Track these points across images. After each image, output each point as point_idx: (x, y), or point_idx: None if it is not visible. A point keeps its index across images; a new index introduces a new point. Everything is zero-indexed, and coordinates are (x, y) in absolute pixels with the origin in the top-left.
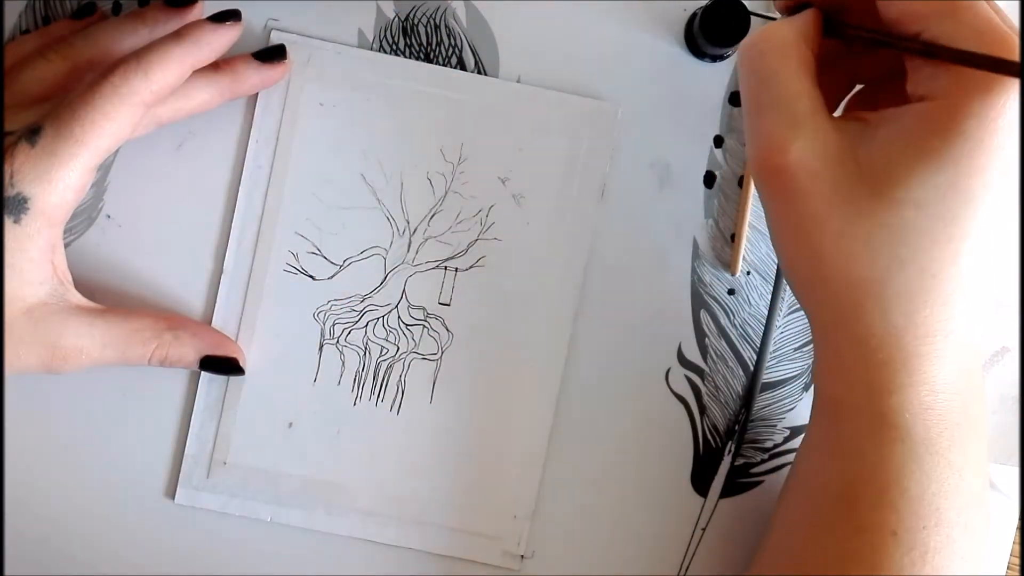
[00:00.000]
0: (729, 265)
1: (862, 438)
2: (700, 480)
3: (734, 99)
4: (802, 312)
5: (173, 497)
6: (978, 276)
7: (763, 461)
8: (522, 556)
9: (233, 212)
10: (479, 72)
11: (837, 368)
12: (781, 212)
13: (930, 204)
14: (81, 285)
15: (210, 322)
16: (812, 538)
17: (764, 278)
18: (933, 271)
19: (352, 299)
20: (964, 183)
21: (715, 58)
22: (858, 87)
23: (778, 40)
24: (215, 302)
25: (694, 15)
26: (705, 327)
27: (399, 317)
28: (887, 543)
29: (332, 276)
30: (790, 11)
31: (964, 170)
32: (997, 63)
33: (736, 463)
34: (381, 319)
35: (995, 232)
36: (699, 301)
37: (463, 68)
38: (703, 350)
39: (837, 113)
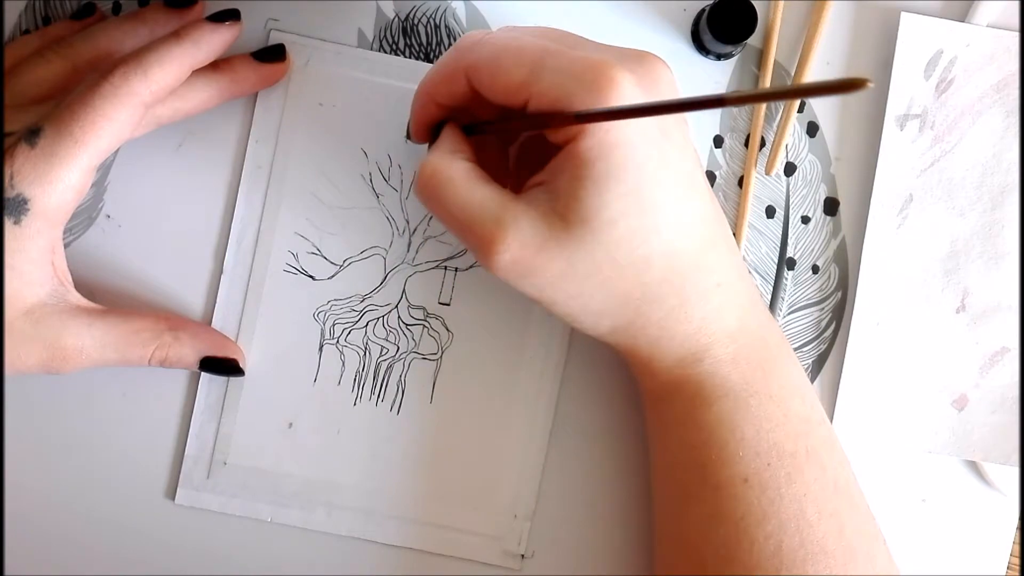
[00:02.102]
0: None
1: (691, 408)
2: None
3: None
4: (802, 312)
5: (173, 497)
6: (707, 229)
7: None
8: (522, 556)
9: (233, 212)
10: None
11: (646, 365)
12: (537, 289)
13: (630, 208)
14: (81, 285)
15: (210, 322)
16: (683, 513)
17: (764, 278)
18: (669, 253)
19: (352, 299)
20: (634, 182)
21: (721, 56)
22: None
23: (437, 172)
24: (215, 302)
25: (701, 12)
26: None
27: (399, 317)
28: (742, 491)
29: (332, 276)
30: (430, 136)
31: (629, 173)
32: (579, 116)
33: None
34: (381, 319)
35: (691, 191)
36: None
37: None
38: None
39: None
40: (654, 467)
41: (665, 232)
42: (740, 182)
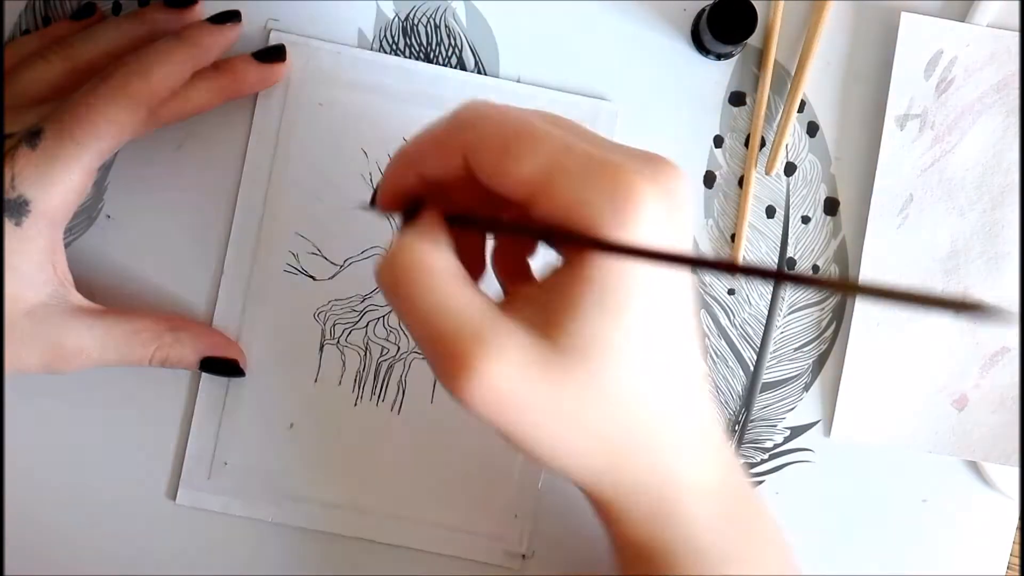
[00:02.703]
0: None
1: (665, 568)
2: None
3: (734, 99)
4: (802, 312)
5: (174, 498)
6: (696, 369)
7: (763, 461)
8: (523, 555)
9: (233, 212)
10: (479, 72)
11: (616, 517)
12: (512, 427)
13: (634, 342)
14: (81, 285)
15: (211, 322)
16: None
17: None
18: (664, 392)
19: (353, 299)
20: (641, 313)
21: (720, 56)
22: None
23: (421, 260)
24: (215, 302)
25: (701, 12)
26: (705, 327)
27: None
28: None
29: (333, 276)
30: (398, 208)
31: (638, 303)
32: (585, 240)
33: None
34: (382, 319)
35: (688, 325)
36: (699, 301)
37: (463, 68)
38: (703, 350)
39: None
40: None
41: (661, 370)
42: (740, 182)
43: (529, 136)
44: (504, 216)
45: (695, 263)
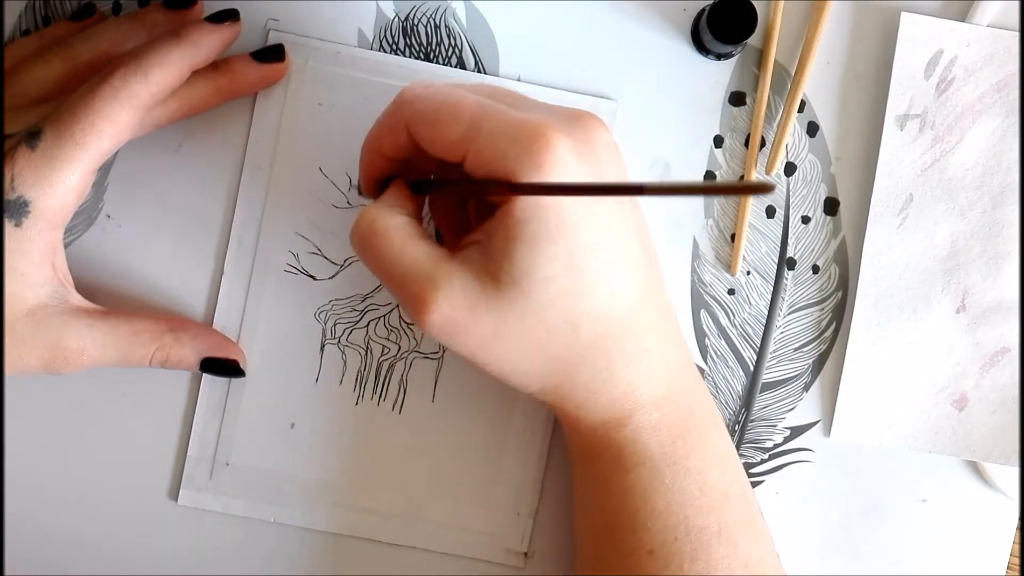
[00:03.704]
0: (729, 265)
1: (610, 472)
2: None
3: (734, 99)
4: (803, 312)
5: (176, 498)
6: (638, 295)
7: (763, 461)
8: (525, 554)
9: (233, 212)
10: (479, 72)
11: (573, 424)
12: (467, 349)
13: (561, 271)
14: (81, 285)
15: (211, 323)
16: (592, 573)
17: (764, 278)
18: (598, 317)
19: (353, 299)
20: (566, 244)
21: (721, 56)
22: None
23: (373, 224)
24: (216, 302)
25: (701, 12)
26: (705, 327)
27: (400, 316)
28: (646, 563)
29: (333, 276)
30: (377, 190)
31: (562, 235)
32: (512, 187)
33: None
34: (382, 318)
35: (625, 256)
36: (699, 301)
37: (463, 68)
38: (703, 350)
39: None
40: (575, 526)
41: (595, 296)
42: (740, 182)
43: (454, 105)
44: (447, 177)
45: (595, 190)
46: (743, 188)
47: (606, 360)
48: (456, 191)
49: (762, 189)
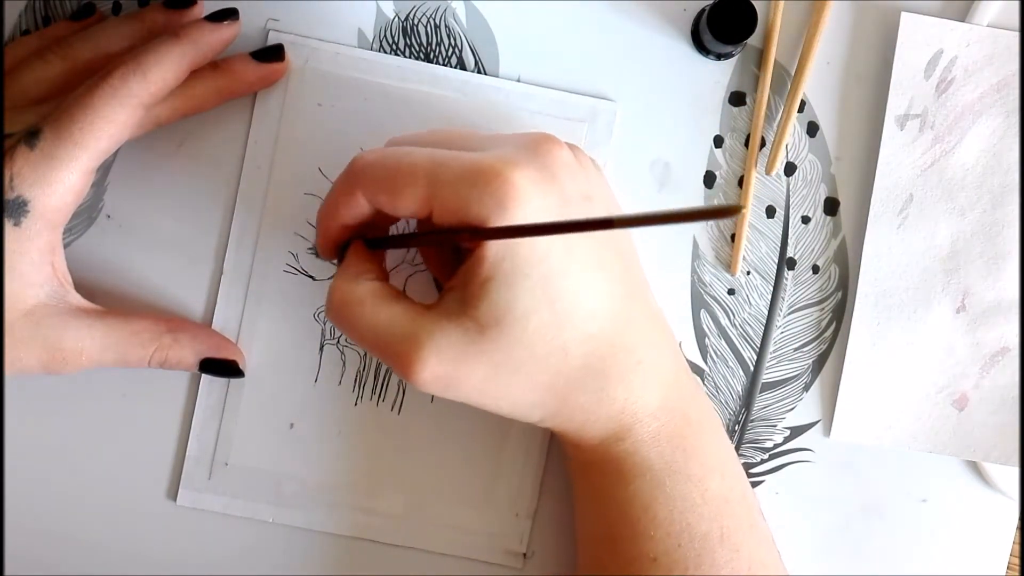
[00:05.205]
0: (729, 265)
1: (611, 485)
2: None
3: (734, 99)
4: (803, 312)
5: (175, 499)
6: (621, 307)
7: (763, 461)
8: (524, 554)
9: (233, 212)
10: (479, 72)
11: (574, 443)
12: (464, 397)
13: (540, 301)
14: (81, 285)
15: (210, 323)
16: None
17: (764, 278)
18: (584, 339)
19: None
20: (540, 274)
21: (721, 56)
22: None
23: (344, 297)
24: (215, 303)
25: (701, 12)
26: (705, 327)
27: None
28: (650, 569)
29: (332, 276)
30: (337, 254)
31: (534, 267)
32: (473, 232)
33: None
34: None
35: (600, 272)
36: (699, 301)
37: (463, 68)
38: (703, 350)
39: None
40: (576, 536)
41: (577, 319)
42: (740, 182)
43: (408, 167)
44: (412, 232)
45: (561, 228)
46: (712, 212)
47: (600, 379)
48: (415, 243)
49: (730, 212)
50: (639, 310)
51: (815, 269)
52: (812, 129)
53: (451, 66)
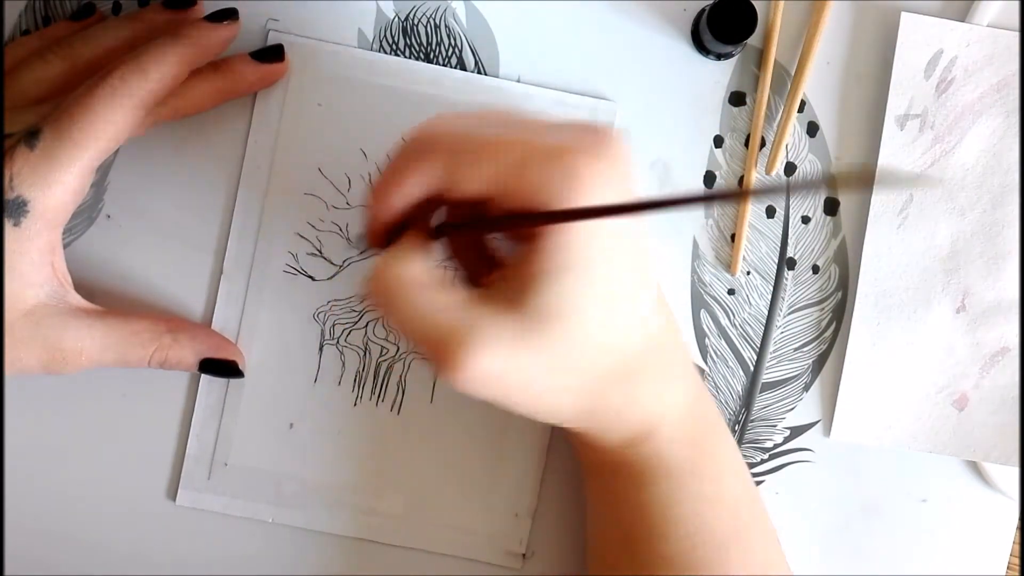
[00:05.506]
0: (729, 265)
1: (629, 486)
2: None
3: (734, 99)
4: (803, 312)
5: (174, 499)
6: (659, 312)
7: (763, 461)
8: (523, 555)
9: (232, 212)
10: (479, 72)
11: (592, 445)
12: (501, 398)
13: (600, 298)
14: (81, 285)
15: (210, 323)
16: None
17: (764, 278)
18: (629, 341)
19: (352, 299)
20: (602, 271)
21: (721, 56)
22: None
23: (396, 276)
24: (215, 303)
25: (701, 12)
26: (705, 327)
27: None
28: (664, 570)
29: (332, 277)
30: (386, 240)
31: (598, 264)
32: (548, 216)
33: None
34: (381, 319)
35: (646, 275)
36: (699, 301)
37: (463, 68)
38: (703, 350)
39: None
40: (587, 537)
41: (628, 318)
42: (740, 182)
43: (489, 143)
44: (479, 215)
45: (639, 208)
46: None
47: (636, 381)
48: (487, 228)
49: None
50: (669, 317)
51: (815, 269)
52: (812, 129)
53: (451, 66)
